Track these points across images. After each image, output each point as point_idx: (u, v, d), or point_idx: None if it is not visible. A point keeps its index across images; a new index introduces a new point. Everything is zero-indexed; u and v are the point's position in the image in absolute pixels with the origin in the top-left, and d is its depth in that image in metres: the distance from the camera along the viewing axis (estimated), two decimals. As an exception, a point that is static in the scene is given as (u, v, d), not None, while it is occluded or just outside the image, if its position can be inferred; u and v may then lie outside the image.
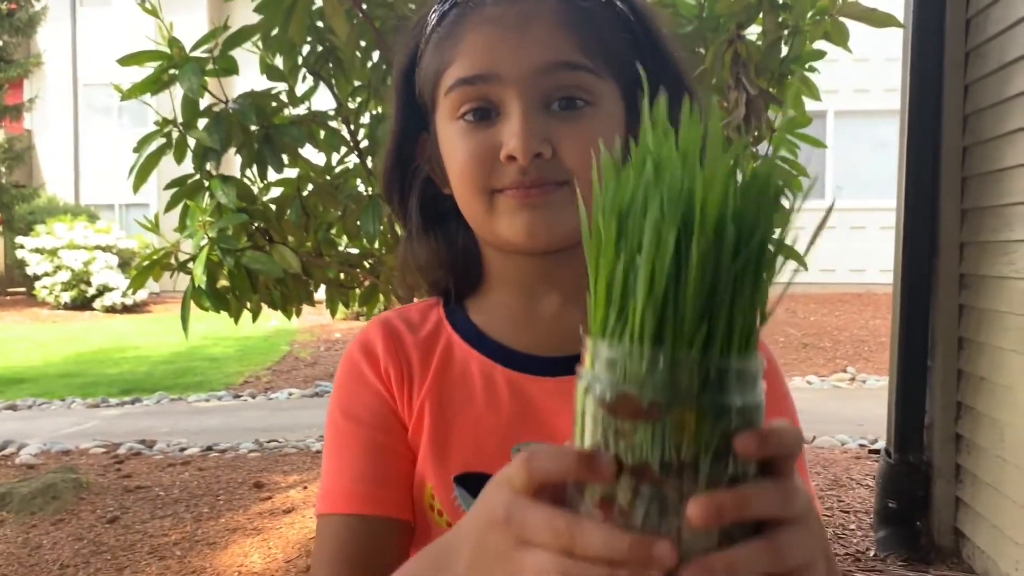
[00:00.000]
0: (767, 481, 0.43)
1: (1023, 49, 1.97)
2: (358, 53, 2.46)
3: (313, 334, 9.89)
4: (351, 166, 2.61)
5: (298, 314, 2.64)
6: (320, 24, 2.45)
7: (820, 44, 2.29)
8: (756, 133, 2.14)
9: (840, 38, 2.20)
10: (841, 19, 2.18)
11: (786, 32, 2.24)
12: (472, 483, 0.73)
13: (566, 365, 0.73)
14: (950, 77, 2.83)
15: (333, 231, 2.65)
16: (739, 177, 0.43)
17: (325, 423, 0.79)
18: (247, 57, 2.46)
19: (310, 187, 2.52)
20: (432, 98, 0.76)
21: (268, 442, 5.13)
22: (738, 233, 0.43)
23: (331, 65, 2.52)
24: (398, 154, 0.80)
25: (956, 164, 2.85)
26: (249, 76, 2.48)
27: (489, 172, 0.72)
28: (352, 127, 2.56)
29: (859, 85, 10.98)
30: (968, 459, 2.85)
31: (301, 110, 2.51)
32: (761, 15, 2.21)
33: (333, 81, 2.55)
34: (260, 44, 2.36)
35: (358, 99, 2.57)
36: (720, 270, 0.44)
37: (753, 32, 2.25)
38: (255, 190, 2.46)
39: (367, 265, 2.68)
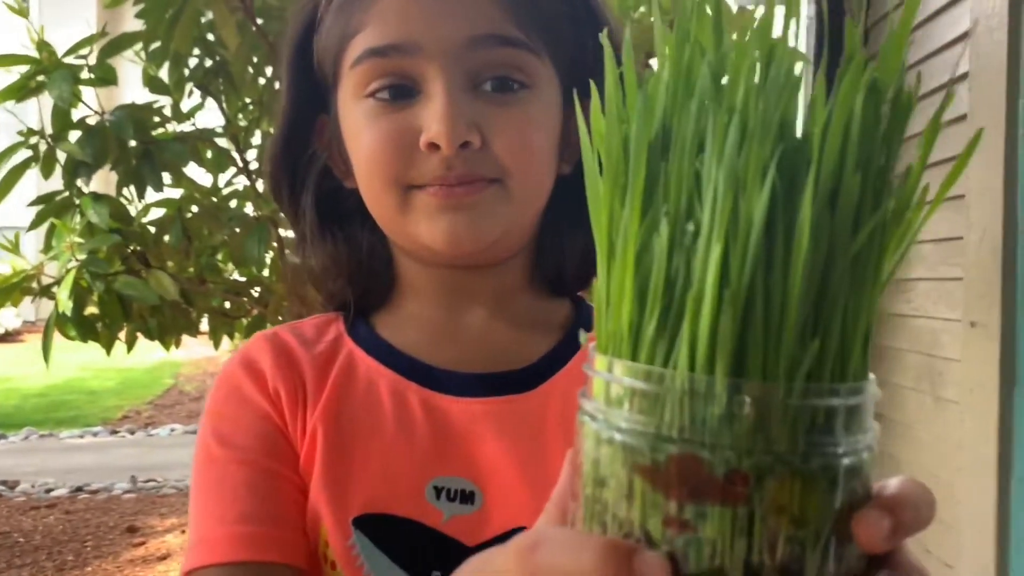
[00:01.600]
0: None
1: (923, 88, 1.99)
2: (250, 68, 2.31)
3: (199, 367, 9.46)
4: (240, 188, 2.45)
5: (177, 345, 2.44)
6: (210, 36, 2.30)
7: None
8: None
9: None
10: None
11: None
12: (376, 527, 0.59)
13: (495, 384, 0.62)
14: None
15: (219, 257, 2.48)
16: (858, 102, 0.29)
17: (194, 459, 0.62)
18: (131, 68, 2.29)
19: (194, 209, 2.35)
20: (334, 72, 0.63)
21: (145, 482, 4.81)
22: (869, 188, 0.29)
23: (220, 80, 2.36)
24: (289, 139, 0.66)
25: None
26: (133, 88, 2.31)
27: (405, 163, 0.59)
28: (241, 146, 2.40)
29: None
30: (866, 497, 2.86)
31: (186, 127, 2.34)
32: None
33: (223, 97, 2.39)
34: (144, 54, 2.20)
35: (248, 117, 2.42)
36: (836, 247, 0.29)
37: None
38: (132, 210, 2.27)
39: (254, 294, 2.51)
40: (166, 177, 2.22)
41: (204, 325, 2.50)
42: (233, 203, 2.43)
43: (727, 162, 0.28)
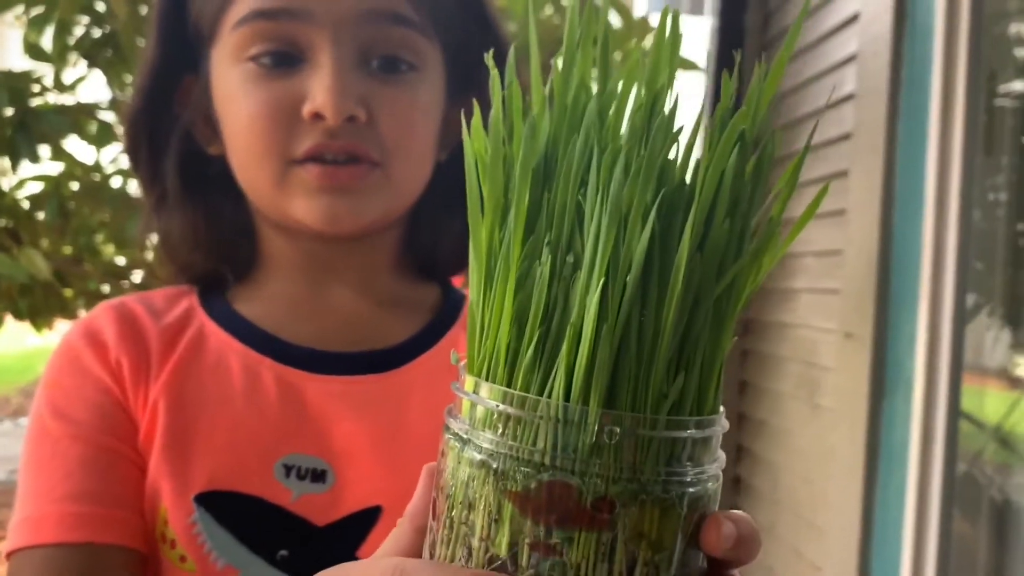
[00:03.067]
0: None
1: (811, 106, 2.06)
2: (140, 40, 2.22)
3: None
4: (124, 166, 2.34)
5: (50, 327, 2.33)
6: (100, 5, 2.19)
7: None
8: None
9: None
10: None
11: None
12: (220, 504, 0.56)
13: (355, 363, 0.61)
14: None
15: (98, 237, 2.37)
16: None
17: (26, 432, 0.59)
18: (10, 33, 2.17)
19: (74, 186, 2.24)
20: (211, 32, 0.60)
21: (12, 472, 4.57)
22: (735, 234, 0.30)
23: (109, 51, 2.26)
24: (152, 97, 0.63)
25: (745, 215, 2.97)
26: (12, 55, 2.18)
27: (286, 133, 0.56)
28: (128, 122, 2.31)
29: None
30: (746, 501, 2.94)
31: (68, 99, 2.23)
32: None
33: (110, 69, 2.28)
34: (25, 19, 2.09)
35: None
36: (703, 289, 0.30)
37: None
38: (4, 184, 2.15)
39: (135, 278, 2.41)
40: (44, 151, 2.11)
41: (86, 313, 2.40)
42: (117, 181, 2.33)
43: (612, 200, 0.29)
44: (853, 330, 1.62)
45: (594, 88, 0.33)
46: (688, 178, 0.31)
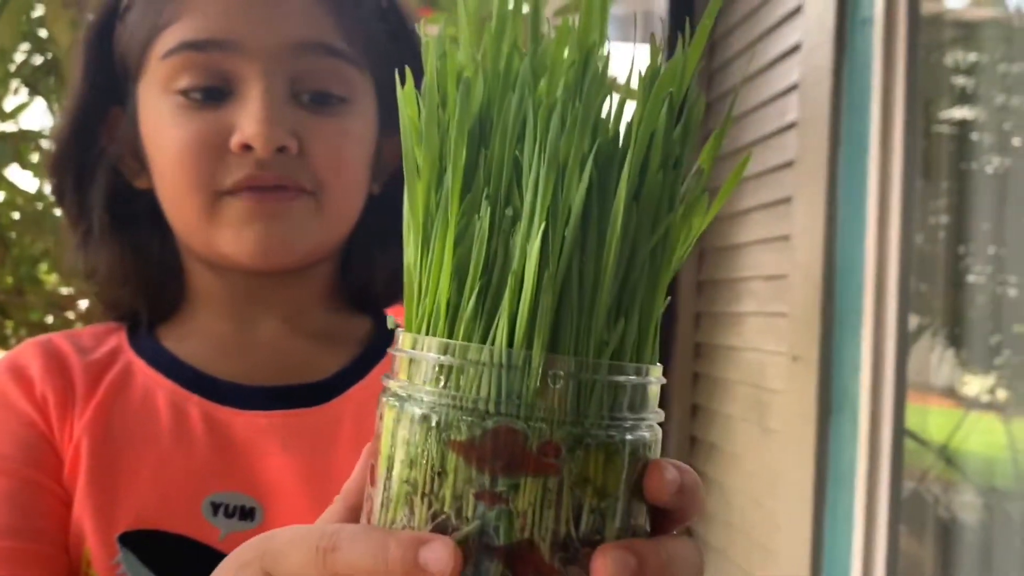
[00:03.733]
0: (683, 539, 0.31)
1: (756, 134, 2.10)
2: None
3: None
4: (68, 194, 2.31)
5: (-11, 361, 2.27)
6: (42, 32, 2.16)
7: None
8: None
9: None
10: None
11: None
12: (146, 543, 0.56)
13: (283, 397, 0.60)
14: (691, 157, 3.01)
15: (42, 267, 2.32)
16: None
17: None
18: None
19: (14, 215, 2.19)
20: (138, 64, 0.59)
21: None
22: (667, 188, 0.32)
23: (51, 79, 2.22)
24: (78, 129, 0.62)
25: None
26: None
27: (214, 165, 0.56)
28: (72, 150, 2.27)
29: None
30: (699, 524, 2.95)
31: (9, 126, 2.19)
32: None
33: (52, 97, 2.25)
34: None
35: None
36: (639, 239, 0.31)
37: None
38: (-58, 213, 2.10)
39: (80, 308, 2.36)
40: (-16, 179, 2.07)
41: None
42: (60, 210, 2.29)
43: (550, 150, 0.30)
44: (800, 353, 1.64)
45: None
46: (622, 135, 0.32)
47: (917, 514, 1.72)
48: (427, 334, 0.32)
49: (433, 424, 0.30)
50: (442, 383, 0.30)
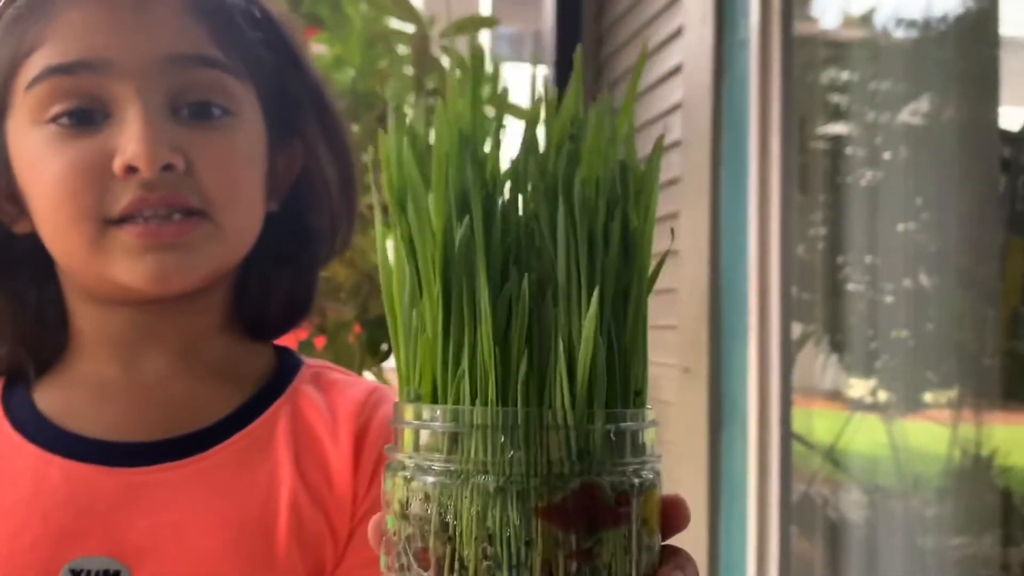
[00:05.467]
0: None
1: (642, 152, 2.15)
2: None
3: None
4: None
5: None
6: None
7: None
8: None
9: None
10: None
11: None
12: None
13: (159, 451, 0.57)
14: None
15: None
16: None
17: None
18: None
19: None
20: (3, 96, 0.56)
21: None
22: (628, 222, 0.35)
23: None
24: None
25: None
26: None
27: (99, 192, 0.53)
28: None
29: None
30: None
31: None
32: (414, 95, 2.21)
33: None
34: None
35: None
36: (631, 281, 0.35)
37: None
38: None
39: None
40: None
41: None
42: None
43: (581, 227, 0.33)
44: (690, 365, 1.68)
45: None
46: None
47: (807, 515, 1.78)
48: (472, 403, 0.31)
49: (513, 494, 0.30)
50: (509, 453, 0.30)
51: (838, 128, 1.98)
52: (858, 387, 1.98)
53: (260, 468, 0.57)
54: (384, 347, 1.74)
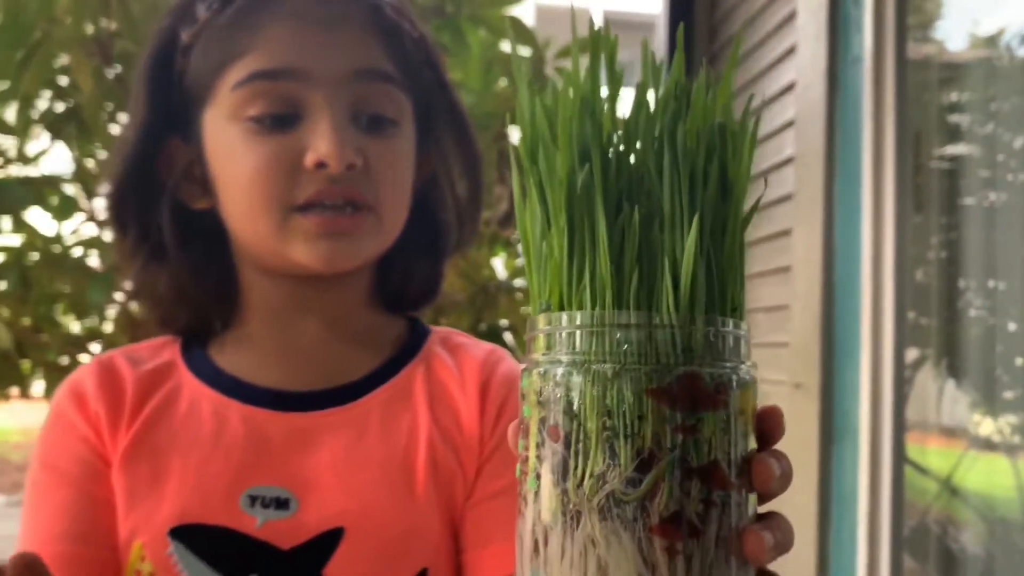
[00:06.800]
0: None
1: (755, 169, 2.15)
2: (104, 115, 2.26)
3: (29, 434, 8.82)
4: (85, 236, 2.36)
5: (6, 399, 2.31)
6: (64, 80, 2.24)
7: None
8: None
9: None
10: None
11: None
12: (193, 536, 0.62)
13: (317, 400, 0.67)
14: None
15: (59, 307, 2.37)
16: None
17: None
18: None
19: (34, 256, 2.25)
20: (206, 92, 0.65)
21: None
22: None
23: (72, 125, 2.29)
24: (142, 156, 0.67)
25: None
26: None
27: (289, 183, 0.62)
28: (90, 194, 2.33)
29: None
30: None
31: (31, 170, 2.25)
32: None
33: (73, 142, 2.32)
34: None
35: (99, 164, 2.35)
36: (729, 218, 0.41)
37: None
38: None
39: (94, 350, 2.40)
40: (6, 221, 2.13)
41: (38, 389, 2.37)
42: (78, 252, 2.34)
43: (684, 166, 0.39)
44: (802, 381, 1.68)
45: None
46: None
47: (920, 541, 1.74)
48: (599, 308, 0.38)
49: (627, 378, 0.36)
50: (631, 345, 0.37)
51: (957, 148, 1.95)
52: (977, 420, 1.91)
53: (402, 416, 0.66)
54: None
